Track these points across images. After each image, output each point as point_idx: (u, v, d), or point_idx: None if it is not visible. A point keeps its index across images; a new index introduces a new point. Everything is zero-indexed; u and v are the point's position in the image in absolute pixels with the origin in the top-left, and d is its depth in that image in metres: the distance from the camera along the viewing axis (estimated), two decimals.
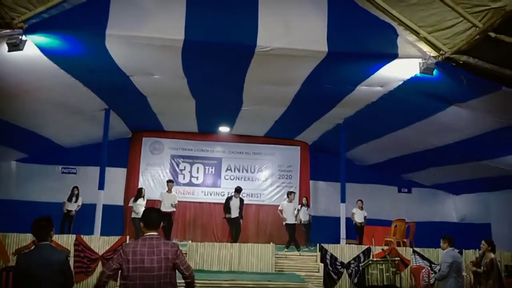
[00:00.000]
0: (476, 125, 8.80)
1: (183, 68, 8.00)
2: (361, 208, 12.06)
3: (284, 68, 7.86)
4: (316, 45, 6.99)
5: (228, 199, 11.54)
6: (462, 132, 9.38)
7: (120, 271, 3.56)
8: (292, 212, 11.58)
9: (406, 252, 10.06)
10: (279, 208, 11.78)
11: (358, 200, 12.17)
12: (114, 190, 12.61)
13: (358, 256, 9.90)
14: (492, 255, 7.44)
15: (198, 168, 14.06)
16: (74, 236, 9.10)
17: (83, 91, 9.23)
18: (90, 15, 6.78)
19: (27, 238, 9.01)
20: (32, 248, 4.13)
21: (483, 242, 7.74)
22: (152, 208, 3.97)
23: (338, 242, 10.60)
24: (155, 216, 3.79)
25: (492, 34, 5.71)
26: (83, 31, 6.87)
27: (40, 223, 3.95)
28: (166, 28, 6.84)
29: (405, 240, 11.57)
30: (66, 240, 9.05)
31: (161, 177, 13.53)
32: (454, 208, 14.51)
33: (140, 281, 3.44)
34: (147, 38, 6.87)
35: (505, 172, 10.56)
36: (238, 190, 11.59)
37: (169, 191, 11.54)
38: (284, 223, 11.56)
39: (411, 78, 7.63)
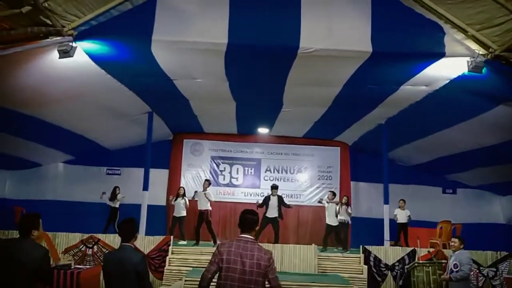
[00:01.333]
0: None
1: (225, 71, 8.10)
2: (403, 208, 11.82)
3: (326, 69, 7.82)
4: (359, 45, 6.93)
5: (267, 198, 11.39)
6: (510, 131, 9.04)
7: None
8: (332, 213, 11.45)
9: None
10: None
11: (400, 199, 11.92)
12: (157, 191, 12.83)
13: (403, 258, 9.72)
14: None
15: (237, 169, 14.17)
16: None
17: (128, 95, 9.50)
18: (137, 22, 6.99)
19: (75, 238, 9.36)
20: (117, 248, 4.27)
21: None
22: (247, 210, 3.89)
23: (381, 244, 10.43)
24: (251, 218, 3.75)
25: None
26: (130, 37, 7.08)
27: (124, 225, 4.14)
28: (210, 32, 6.95)
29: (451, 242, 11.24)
30: (112, 240, 9.33)
31: (202, 178, 13.69)
32: (501, 209, 13.97)
33: (231, 282, 3.45)
34: (191, 42, 7.01)
35: None
36: (274, 187, 11.47)
37: (204, 190, 11.62)
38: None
39: (459, 76, 7.44)
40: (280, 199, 11.32)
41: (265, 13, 6.95)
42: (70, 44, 6.83)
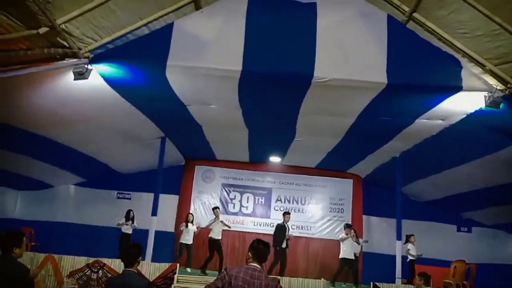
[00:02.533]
0: None
1: (238, 99, 8.09)
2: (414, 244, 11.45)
3: (340, 99, 7.76)
4: (375, 76, 6.86)
5: (281, 228, 11.09)
6: None
7: None
8: (349, 246, 11.15)
9: None
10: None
11: (412, 235, 11.56)
12: (166, 217, 12.74)
13: None
14: None
15: (248, 197, 14.01)
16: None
17: (141, 119, 9.53)
18: (153, 46, 7.04)
19: (81, 261, 9.21)
20: (119, 274, 4.20)
21: None
22: (261, 240, 3.82)
23: (392, 281, 10.08)
24: (264, 249, 3.70)
25: None
26: (145, 61, 7.12)
27: (130, 250, 4.09)
28: (225, 59, 6.96)
29: (465, 282, 10.84)
30: (118, 265, 9.16)
31: (211, 205, 13.53)
32: None
33: None
34: (206, 68, 7.01)
35: None
36: (287, 213, 11.31)
37: (217, 217, 11.50)
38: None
39: (476, 111, 7.31)
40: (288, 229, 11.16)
41: (280, 42, 6.96)
42: (86, 66, 6.89)
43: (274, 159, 13.44)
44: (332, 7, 7.22)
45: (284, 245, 10.94)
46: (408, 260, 11.18)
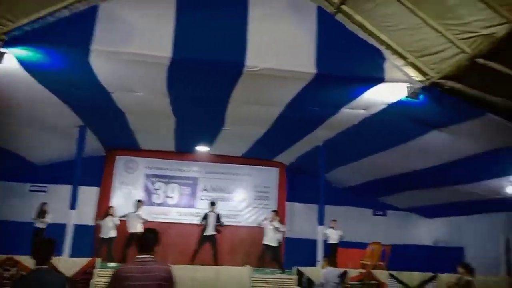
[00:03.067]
0: (455, 150, 8.98)
1: (167, 86, 7.85)
2: (335, 228, 11.98)
3: (270, 88, 7.83)
4: (304, 66, 7.00)
5: (205, 215, 11.29)
6: (440, 156, 9.55)
7: None
8: (272, 233, 11.34)
9: (382, 275, 10.04)
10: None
11: (332, 219, 12.09)
12: (85, 210, 12.08)
13: None
14: (469, 278, 7.50)
15: (173, 188, 13.76)
16: None
17: (59, 107, 8.94)
18: (75, 30, 6.62)
19: None
20: (30, 272, 3.86)
21: (459, 266, 7.81)
22: (149, 229, 3.73)
23: (314, 265, 10.47)
24: (152, 237, 3.55)
25: (480, 61, 5.84)
26: (66, 45, 6.68)
27: (43, 246, 3.76)
28: (153, 44, 6.73)
29: (380, 263, 11.56)
30: (33, 262, 8.56)
31: (135, 197, 13.07)
32: (427, 232, 14.69)
33: None
34: (134, 54, 6.73)
35: (479, 197, 10.79)
36: (213, 203, 11.40)
37: (136, 210, 11.19)
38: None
39: (396, 102, 7.73)
40: (217, 216, 11.16)
41: (211, 29, 6.85)
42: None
43: (201, 148, 13.28)
44: None
45: (208, 233, 10.96)
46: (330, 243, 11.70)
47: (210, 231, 11.03)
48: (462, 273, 7.56)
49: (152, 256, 3.48)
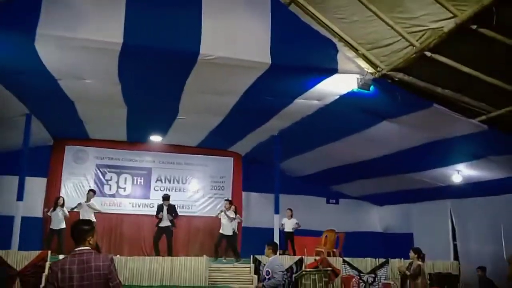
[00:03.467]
0: (404, 140, 9.29)
1: (118, 74, 7.59)
2: (291, 217, 12.15)
3: (225, 78, 7.77)
4: (259, 56, 6.99)
5: (160, 207, 11.11)
6: (390, 146, 9.85)
7: None
8: (228, 222, 11.32)
9: (336, 262, 10.30)
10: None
11: (287, 209, 12.25)
12: (33, 201, 11.62)
13: (291, 266, 9.99)
14: (420, 262, 7.82)
15: (125, 178, 13.43)
16: None
17: (4, 94, 8.46)
18: (18, 13, 6.27)
19: None
20: None
21: (411, 251, 8.13)
22: (81, 220, 3.63)
23: None
24: (85, 228, 3.42)
25: (428, 54, 6.02)
26: (9, 29, 6.29)
27: None
28: (104, 30, 6.47)
29: (335, 250, 11.84)
30: None
31: (85, 187, 12.70)
32: (378, 219, 15.17)
33: None
34: (82, 40, 6.45)
35: (427, 184, 11.26)
36: (166, 197, 11.21)
37: (87, 200, 10.91)
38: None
39: (348, 93, 7.86)
40: (170, 208, 11.02)
41: (164, 15, 6.68)
42: None
43: (154, 138, 12.99)
44: None
45: (162, 224, 10.85)
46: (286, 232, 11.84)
47: (164, 223, 10.88)
48: (413, 258, 7.88)
49: (89, 247, 3.36)
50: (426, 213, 12.62)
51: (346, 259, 10.42)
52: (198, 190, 13.97)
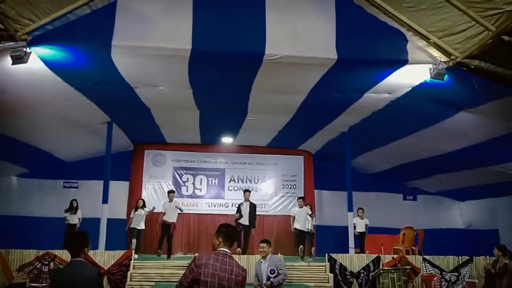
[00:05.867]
0: (484, 131, 8.72)
1: (189, 79, 7.90)
2: (362, 217, 11.87)
3: (292, 76, 7.78)
4: (325, 52, 6.92)
5: (239, 205, 11.36)
6: (470, 138, 9.29)
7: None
8: (303, 218, 11.31)
9: (416, 260, 9.93)
10: (292, 215, 11.54)
11: (359, 208, 11.98)
12: (116, 204, 12.40)
13: (367, 265, 9.77)
14: (506, 260, 7.35)
15: (201, 179, 13.91)
16: None
17: (86, 104, 9.12)
18: (95, 26, 6.71)
19: (30, 254, 8.90)
20: (65, 264, 3.96)
21: (495, 248, 7.66)
22: (228, 224, 3.78)
23: (345, 252, 10.43)
24: (233, 232, 3.66)
25: (506, 38, 5.64)
26: (88, 42, 6.78)
27: (71, 239, 3.85)
28: (173, 37, 6.76)
29: (413, 248, 11.41)
30: (68, 255, 8.86)
31: (164, 189, 13.34)
32: (459, 215, 14.41)
33: None
34: (154, 48, 6.79)
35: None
36: (247, 190, 11.41)
37: (171, 201, 11.38)
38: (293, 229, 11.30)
39: (421, 84, 7.56)
40: (252, 206, 11.21)
41: (230, 19, 6.84)
42: (24, 49, 6.46)
43: (226, 139, 13.37)
44: None
45: (244, 222, 11.07)
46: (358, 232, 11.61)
47: (244, 221, 11.09)
48: (498, 256, 7.44)
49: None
50: None
51: (426, 257, 10.00)
52: (270, 189, 14.10)
